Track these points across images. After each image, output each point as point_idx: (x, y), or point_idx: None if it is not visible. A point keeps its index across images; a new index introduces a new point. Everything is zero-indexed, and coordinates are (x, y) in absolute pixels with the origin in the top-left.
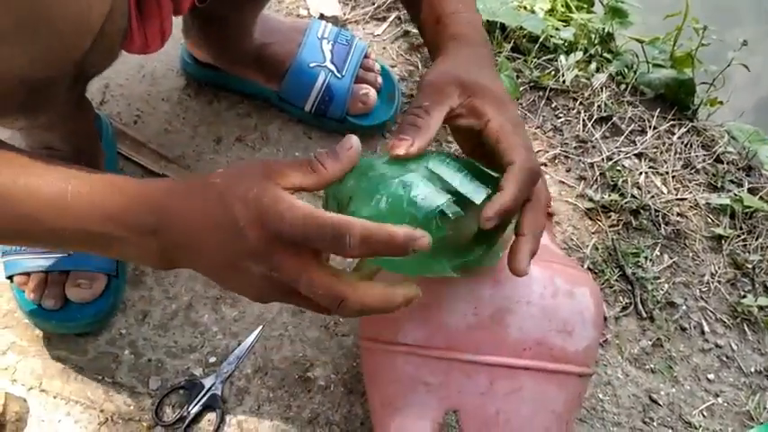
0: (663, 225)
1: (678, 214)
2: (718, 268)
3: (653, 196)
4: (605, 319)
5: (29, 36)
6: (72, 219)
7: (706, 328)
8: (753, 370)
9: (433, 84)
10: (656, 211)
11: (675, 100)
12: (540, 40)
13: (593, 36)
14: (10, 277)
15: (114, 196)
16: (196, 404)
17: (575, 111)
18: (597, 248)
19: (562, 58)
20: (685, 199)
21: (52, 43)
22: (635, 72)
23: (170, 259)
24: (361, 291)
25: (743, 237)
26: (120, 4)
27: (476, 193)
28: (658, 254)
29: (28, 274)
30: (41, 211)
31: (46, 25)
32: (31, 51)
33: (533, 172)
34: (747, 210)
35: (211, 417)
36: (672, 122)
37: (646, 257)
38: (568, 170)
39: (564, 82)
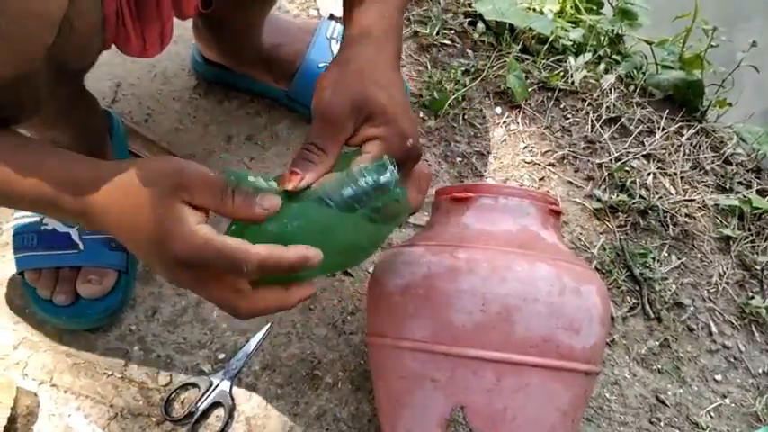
0: (671, 226)
1: (686, 215)
2: (726, 269)
3: (661, 197)
4: (612, 318)
5: None
6: (13, 191)
7: (714, 329)
8: (760, 371)
9: (326, 116)
10: (664, 211)
11: (684, 101)
12: (549, 41)
13: (602, 37)
14: (21, 273)
15: (50, 177)
16: (205, 400)
17: (583, 111)
18: (605, 249)
19: (571, 59)
20: (693, 200)
21: (8, 38)
22: (644, 73)
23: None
24: (255, 303)
25: (751, 238)
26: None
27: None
28: (666, 254)
29: (39, 269)
30: None
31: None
32: None
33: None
34: (756, 211)
35: (220, 413)
36: (680, 124)
37: (653, 258)
38: (576, 170)
39: (573, 83)
